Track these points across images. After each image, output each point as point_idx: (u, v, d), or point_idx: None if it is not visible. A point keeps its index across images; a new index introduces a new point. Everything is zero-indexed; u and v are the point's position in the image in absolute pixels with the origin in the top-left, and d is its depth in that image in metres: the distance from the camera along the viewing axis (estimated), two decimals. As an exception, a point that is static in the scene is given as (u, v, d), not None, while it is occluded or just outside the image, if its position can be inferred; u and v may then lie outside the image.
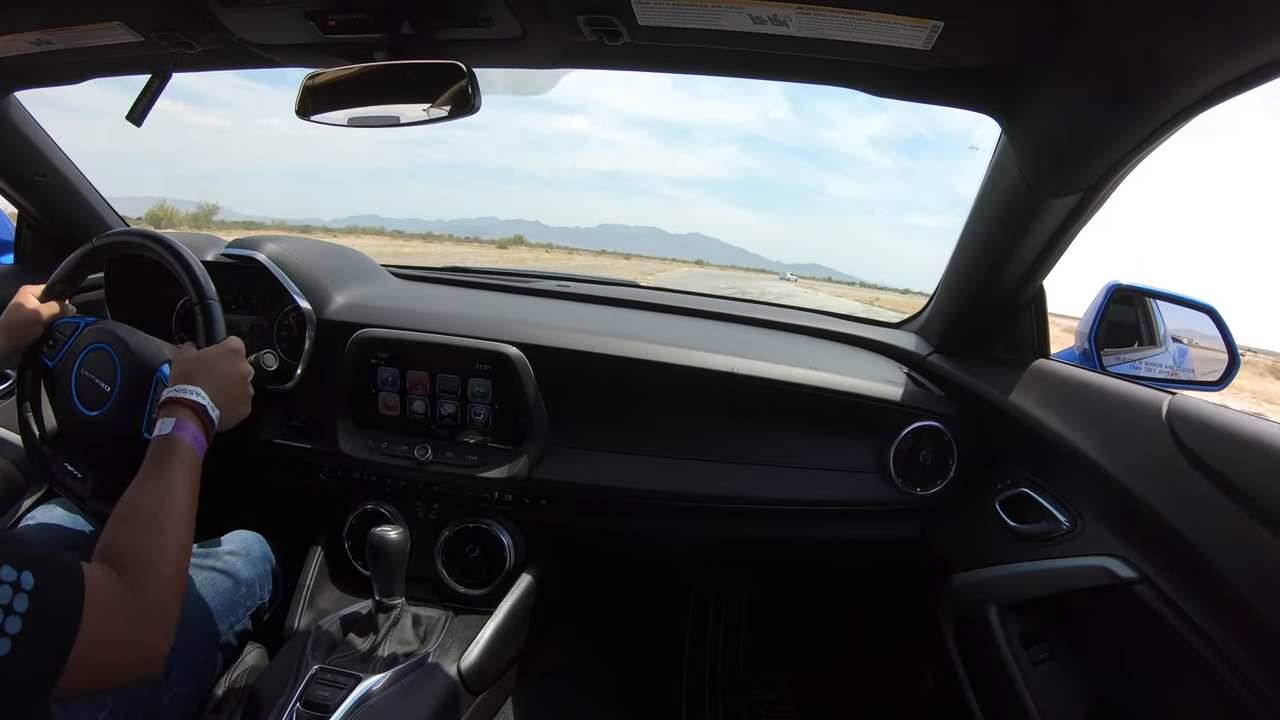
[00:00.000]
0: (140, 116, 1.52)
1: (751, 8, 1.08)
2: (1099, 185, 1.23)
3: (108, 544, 1.03)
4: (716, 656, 2.36)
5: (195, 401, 1.24)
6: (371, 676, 1.40)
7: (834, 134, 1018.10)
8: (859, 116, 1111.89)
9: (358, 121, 1.41)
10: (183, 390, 1.25)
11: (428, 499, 1.80)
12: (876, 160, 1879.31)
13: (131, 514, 1.07)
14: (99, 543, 1.03)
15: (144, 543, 1.04)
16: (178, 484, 1.13)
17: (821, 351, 1.95)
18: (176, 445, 1.17)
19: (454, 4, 1.21)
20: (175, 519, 1.09)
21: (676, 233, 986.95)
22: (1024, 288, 1.56)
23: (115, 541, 1.03)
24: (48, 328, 1.54)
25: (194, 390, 1.25)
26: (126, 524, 1.06)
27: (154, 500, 1.10)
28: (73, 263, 1.54)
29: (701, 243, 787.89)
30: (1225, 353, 1.53)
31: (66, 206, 2.14)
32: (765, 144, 69.75)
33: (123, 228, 2.18)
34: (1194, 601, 1.01)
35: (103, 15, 1.35)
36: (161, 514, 1.08)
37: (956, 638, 1.55)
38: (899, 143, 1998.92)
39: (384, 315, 1.76)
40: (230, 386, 1.35)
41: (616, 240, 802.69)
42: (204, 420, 1.25)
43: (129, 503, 1.09)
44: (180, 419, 1.21)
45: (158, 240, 1.50)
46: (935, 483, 1.65)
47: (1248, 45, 0.86)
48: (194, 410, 1.24)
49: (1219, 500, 0.98)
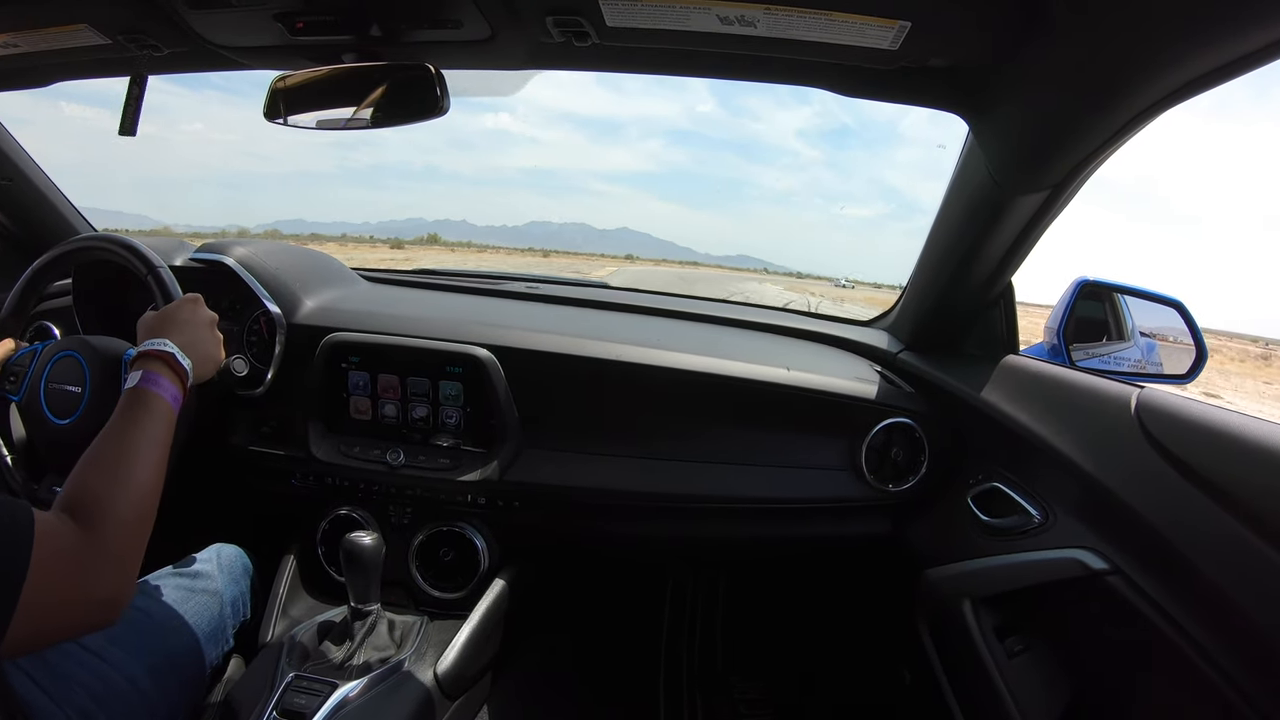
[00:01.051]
0: (132, 127, 1.51)
1: (719, 8, 1.08)
2: (1066, 182, 1.24)
3: (67, 492, 0.99)
4: (694, 656, 2.36)
5: (163, 351, 1.22)
6: (348, 683, 1.39)
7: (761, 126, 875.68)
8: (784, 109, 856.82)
9: (326, 124, 1.40)
10: (150, 343, 1.23)
11: (401, 503, 1.79)
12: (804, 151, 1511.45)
13: (92, 461, 1.04)
14: (61, 490, 1.00)
15: (103, 490, 1.00)
16: (144, 433, 1.10)
17: (792, 350, 1.96)
18: (144, 396, 1.15)
19: (422, 6, 1.20)
20: (139, 467, 1.06)
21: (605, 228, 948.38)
22: (993, 284, 1.57)
23: (74, 489, 1.00)
24: (4, 366, 1.50)
25: (160, 341, 1.23)
26: (87, 471, 1.03)
27: (116, 448, 1.07)
28: (15, 298, 1.52)
29: (630, 237, 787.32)
30: (1193, 346, 1.55)
31: (34, 213, 2.12)
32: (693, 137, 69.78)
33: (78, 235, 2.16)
34: (1165, 591, 1.02)
35: (69, 18, 1.34)
36: (124, 461, 1.05)
37: (932, 632, 1.56)
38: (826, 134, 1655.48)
39: (354, 319, 1.75)
40: (197, 332, 1.34)
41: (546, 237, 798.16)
42: (176, 369, 1.22)
43: (95, 452, 1.06)
44: (149, 370, 1.18)
45: (90, 238, 1.48)
46: (907, 479, 1.67)
47: (1211, 44, 0.87)
48: (164, 360, 1.22)
49: (1188, 491, 0.99)
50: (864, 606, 2.25)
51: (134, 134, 1.52)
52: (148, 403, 1.14)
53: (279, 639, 1.54)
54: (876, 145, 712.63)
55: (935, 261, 1.64)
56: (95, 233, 1.49)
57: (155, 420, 1.13)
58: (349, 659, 1.46)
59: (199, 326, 1.36)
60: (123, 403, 1.14)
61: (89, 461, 1.04)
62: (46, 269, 1.52)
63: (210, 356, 1.37)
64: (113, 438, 1.08)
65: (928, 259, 1.68)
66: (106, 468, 1.04)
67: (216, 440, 1.46)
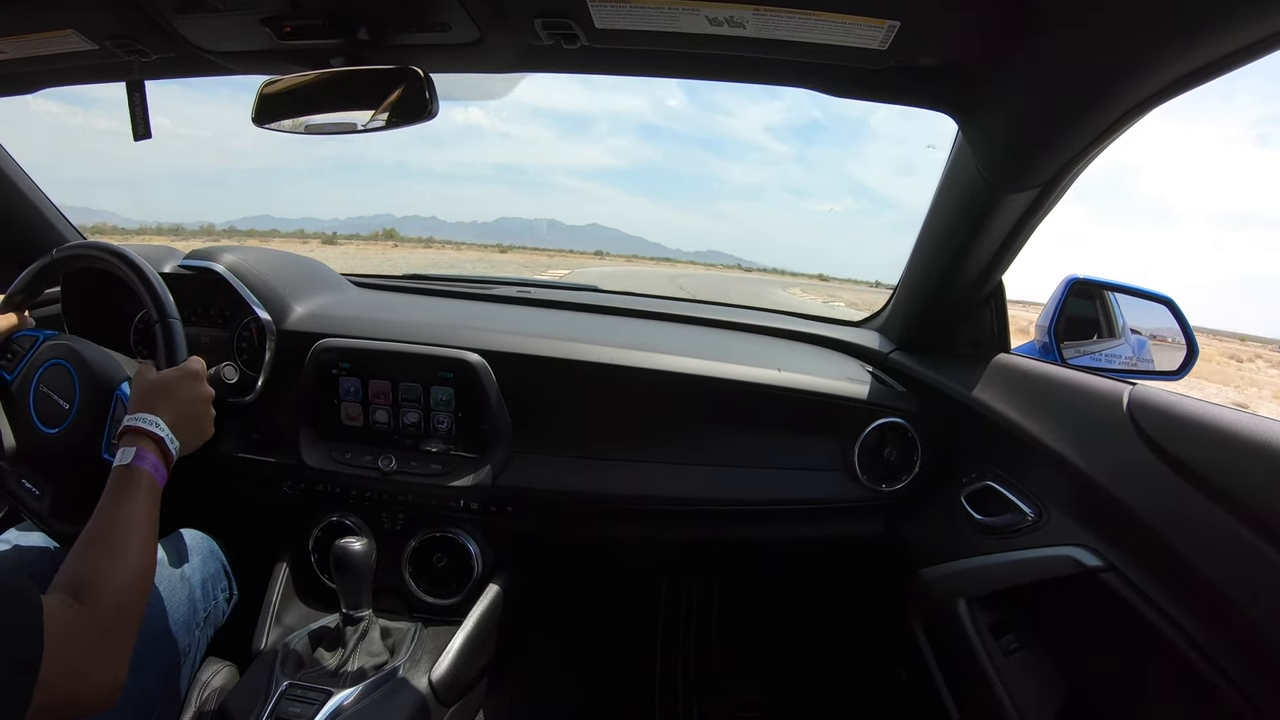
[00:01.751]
0: (145, 130, 1.52)
1: (708, 10, 1.08)
2: (1056, 180, 1.24)
3: (68, 573, 1.02)
4: (689, 658, 2.36)
5: (155, 434, 1.23)
6: (342, 691, 1.38)
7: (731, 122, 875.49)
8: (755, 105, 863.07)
9: (314, 129, 1.40)
10: (142, 419, 1.24)
11: (393, 509, 1.78)
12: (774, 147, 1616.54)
13: (91, 542, 1.07)
14: (60, 571, 1.02)
15: (102, 571, 1.03)
16: (138, 513, 1.13)
17: (783, 352, 1.96)
18: (137, 475, 1.17)
19: (410, 9, 1.20)
20: (134, 548, 1.09)
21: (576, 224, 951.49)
22: (983, 283, 1.57)
23: (75, 570, 1.02)
24: (5, 340, 1.51)
25: (153, 420, 1.24)
26: (86, 552, 1.05)
27: (113, 529, 1.09)
28: (31, 274, 1.51)
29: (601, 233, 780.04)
30: (1184, 343, 1.56)
31: (20, 219, 2.10)
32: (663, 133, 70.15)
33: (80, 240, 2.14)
34: (1160, 588, 1.02)
35: (56, 24, 1.33)
36: (121, 543, 1.08)
37: (927, 631, 1.56)
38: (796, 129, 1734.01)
39: (345, 325, 1.74)
40: (191, 412, 1.34)
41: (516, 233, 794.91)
42: (164, 451, 1.24)
43: (91, 531, 1.08)
44: (141, 448, 1.20)
45: (118, 254, 1.47)
46: (900, 479, 1.67)
47: (1200, 41, 0.87)
48: (154, 440, 1.23)
49: (1181, 487, 0.99)
50: (858, 607, 2.25)
51: (149, 135, 1.53)
52: (139, 481, 1.16)
53: (272, 647, 1.54)
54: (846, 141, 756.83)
55: (926, 261, 1.64)
56: (121, 248, 1.47)
57: (146, 498, 1.16)
58: (343, 667, 1.45)
59: (195, 404, 1.36)
60: (115, 481, 1.16)
61: (87, 542, 1.07)
62: (68, 260, 1.51)
63: (200, 434, 1.37)
64: (108, 518, 1.11)
65: (918, 258, 1.68)
66: (105, 549, 1.06)
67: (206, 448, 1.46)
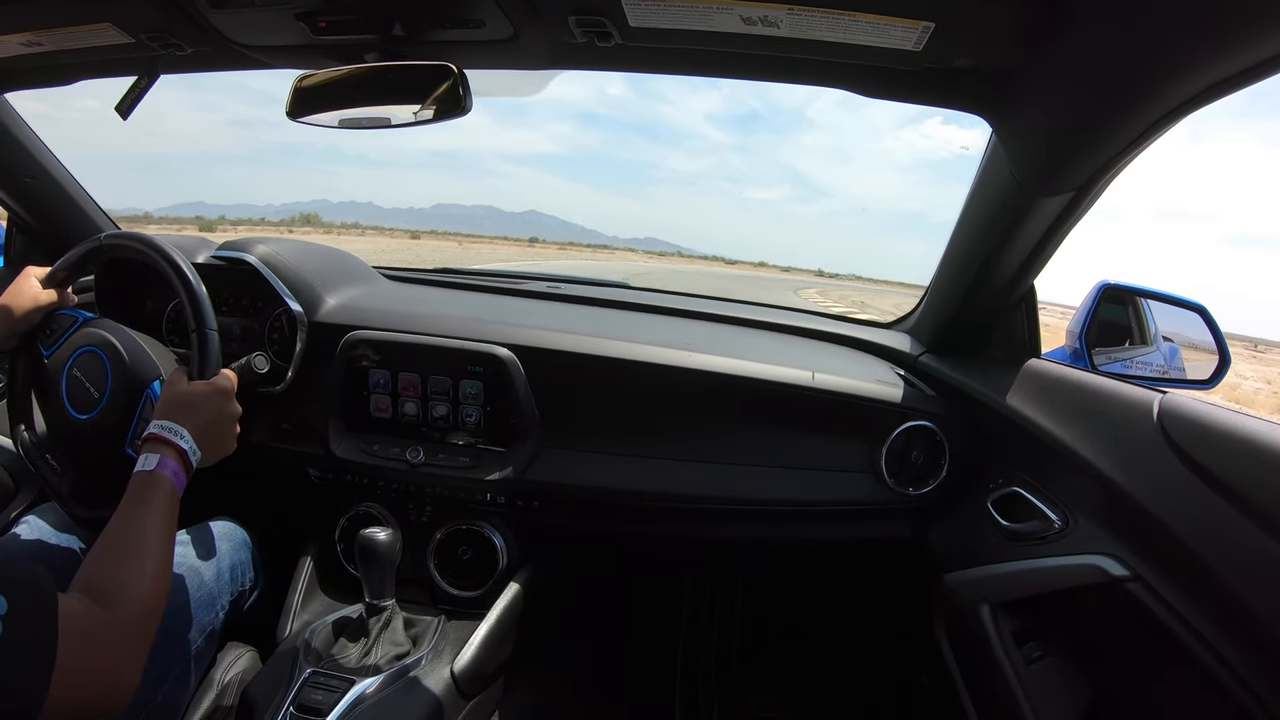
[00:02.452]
0: (127, 110, 1.54)
1: (742, 9, 1.08)
2: (1090, 184, 1.23)
3: (87, 574, 1.05)
4: (711, 657, 2.36)
5: (179, 445, 1.26)
6: (364, 680, 1.39)
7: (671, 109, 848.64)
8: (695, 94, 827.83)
9: (348, 123, 1.41)
10: (168, 429, 1.26)
11: (420, 501, 1.79)
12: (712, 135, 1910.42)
13: (110, 546, 1.10)
14: (78, 573, 1.06)
15: (121, 574, 1.06)
16: (157, 519, 1.16)
17: (813, 352, 1.95)
18: (158, 482, 1.20)
19: (445, 5, 1.20)
20: (153, 552, 1.12)
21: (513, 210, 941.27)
22: (1015, 287, 1.56)
23: (93, 572, 1.06)
24: (47, 315, 1.54)
25: (179, 432, 1.27)
26: (105, 555, 1.09)
27: (133, 533, 1.13)
28: (77, 255, 1.53)
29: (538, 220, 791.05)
30: (1215, 351, 1.54)
31: (56, 209, 2.14)
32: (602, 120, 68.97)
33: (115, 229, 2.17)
34: (1186, 599, 1.01)
35: (93, 17, 1.35)
36: (139, 547, 1.11)
37: (949, 637, 1.56)
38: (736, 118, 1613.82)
39: (375, 317, 1.76)
40: (216, 428, 1.37)
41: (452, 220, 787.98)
42: (185, 461, 1.27)
43: (110, 535, 1.12)
44: (164, 456, 1.23)
45: (161, 252, 1.48)
46: (927, 482, 1.66)
47: (1239, 45, 0.86)
48: (177, 451, 1.26)
49: (1210, 498, 0.98)
50: (882, 610, 2.24)
51: (125, 118, 1.56)
52: (159, 487, 1.20)
53: (296, 635, 1.55)
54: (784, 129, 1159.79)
55: (957, 264, 1.63)
56: (166, 248, 1.49)
57: (166, 504, 1.20)
58: (365, 656, 1.47)
59: (220, 421, 1.39)
60: (137, 484, 1.20)
61: (107, 545, 1.11)
62: (113, 249, 1.53)
63: (223, 450, 1.40)
64: (128, 522, 1.14)
65: (950, 261, 1.67)
66: (123, 552, 1.10)
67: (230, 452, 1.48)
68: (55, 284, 1.55)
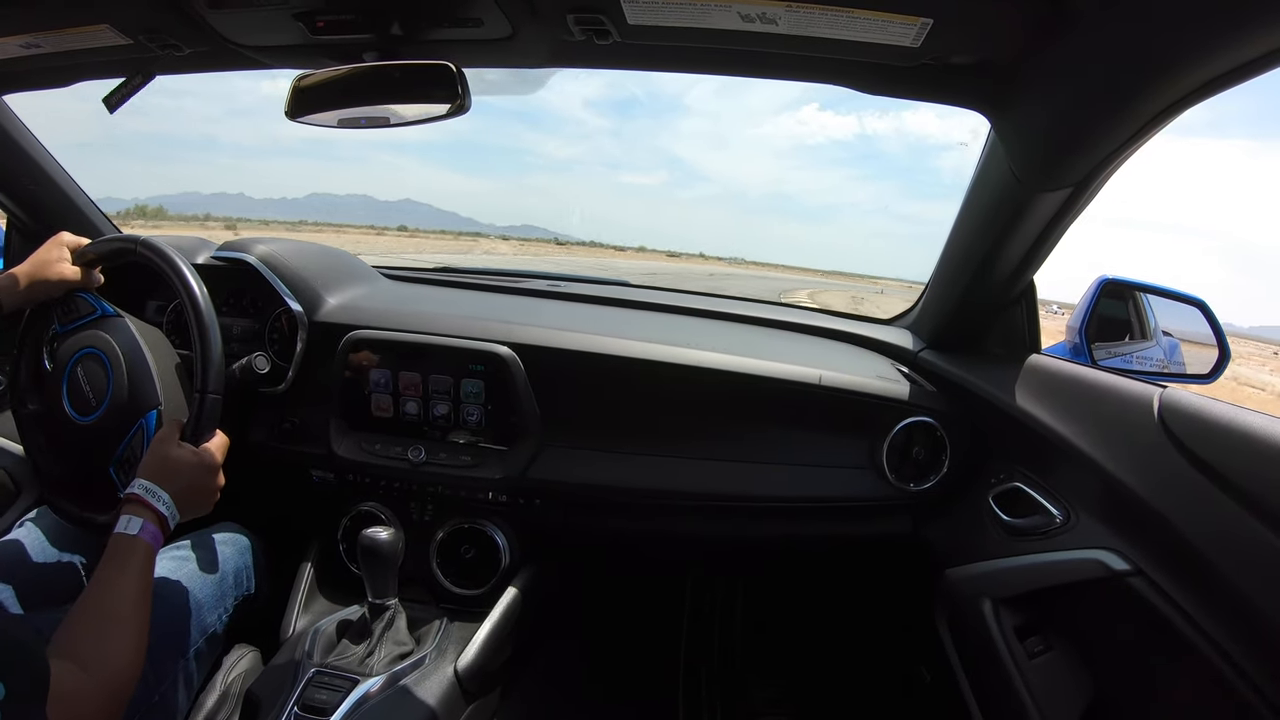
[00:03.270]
0: (115, 105, 1.54)
1: (741, 6, 1.08)
2: (1089, 180, 1.23)
3: (72, 639, 1.08)
4: (713, 655, 2.36)
5: (159, 510, 1.27)
6: (368, 679, 1.39)
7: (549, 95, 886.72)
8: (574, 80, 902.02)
9: (347, 122, 1.41)
10: (151, 493, 1.28)
11: (422, 500, 1.80)
12: (591, 120, 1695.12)
13: (93, 614, 1.13)
14: (60, 634, 1.09)
15: (102, 644, 1.09)
16: (135, 585, 1.18)
17: (813, 348, 1.95)
18: (138, 546, 1.22)
19: (443, 4, 1.20)
20: (132, 622, 1.15)
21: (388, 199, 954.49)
22: (1015, 283, 1.56)
23: (77, 639, 1.08)
24: (69, 293, 1.54)
25: (161, 496, 1.28)
26: (88, 623, 1.11)
27: (113, 601, 1.15)
28: (111, 246, 1.53)
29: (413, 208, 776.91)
30: (1215, 346, 1.54)
31: (55, 211, 2.13)
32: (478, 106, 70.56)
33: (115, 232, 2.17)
34: (1188, 593, 1.02)
35: (91, 18, 1.35)
36: (119, 616, 1.14)
37: (951, 632, 1.56)
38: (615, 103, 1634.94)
39: (376, 316, 1.76)
40: (196, 497, 1.37)
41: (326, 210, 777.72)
42: (164, 524, 1.28)
43: (92, 601, 1.14)
44: (145, 521, 1.24)
45: (187, 287, 1.47)
46: (928, 478, 1.66)
47: (1238, 40, 0.86)
48: (157, 515, 1.27)
49: (1211, 492, 0.98)
50: (884, 605, 2.25)
51: (113, 112, 1.57)
52: (138, 551, 1.22)
53: (299, 635, 1.55)
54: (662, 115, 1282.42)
55: (957, 260, 1.63)
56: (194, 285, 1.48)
57: (144, 567, 1.22)
58: (369, 655, 1.47)
59: (201, 492, 1.39)
60: (118, 547, 1.21)
61: (89, 612, 1.13)
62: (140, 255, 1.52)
63: (198, 513, 1.40)
64: (109, 589, 1.17)
65: (950, 257, 1.67)
66: (105, 620, 1.13)
67: (237, 437, 1.48)
68: (85, 263, 1.54)
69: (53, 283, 1.51)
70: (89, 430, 1.44)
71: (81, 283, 1.54)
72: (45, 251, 1.51)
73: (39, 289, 1.50)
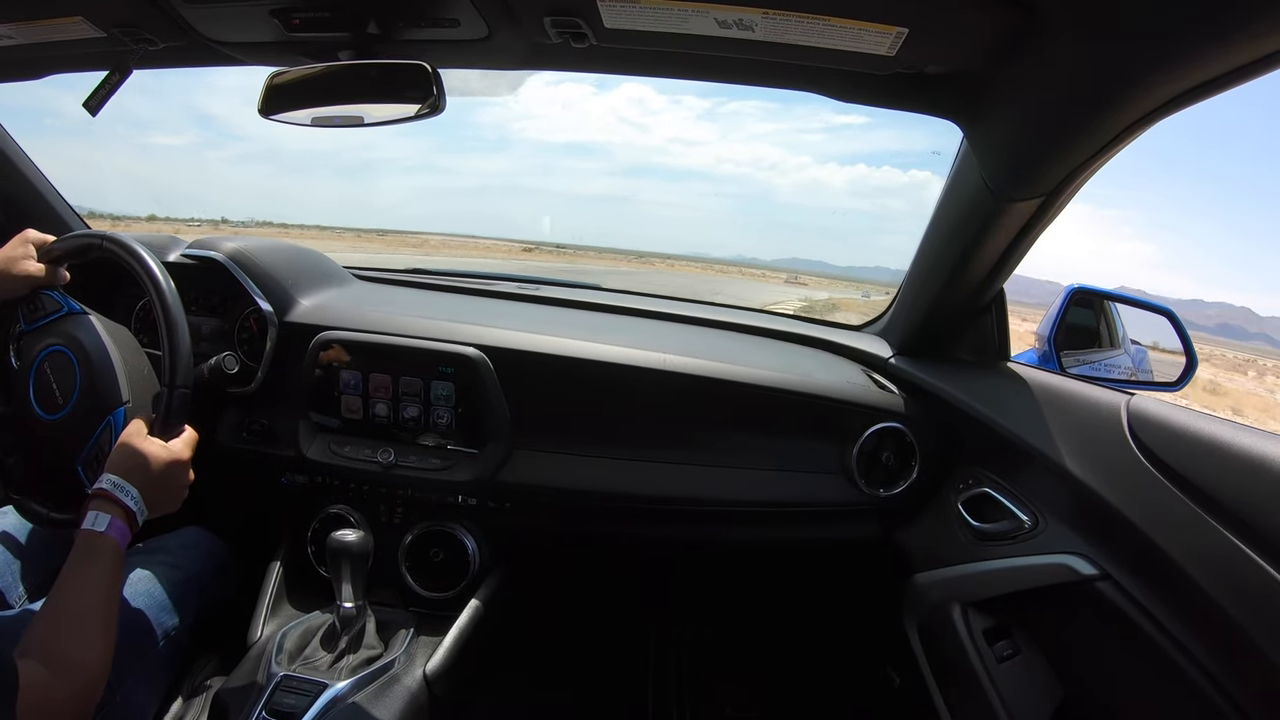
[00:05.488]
0: (96, 107, 1.51)
1: (718, 12, 1.09)
2: (1060, 189, 1.24)
3: (40, 641, 1.07)
4: (683, 658, 2.36)
5: (127, 506, 1.25)
6: (337, 683, 1.38)
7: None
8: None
9: (321, 121, 1.40)
10: (118, 487, 1.25)
11: (391, 503, 1.78)
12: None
13: (61, 614, 1.12)
14: (29, 637, 1.07)
15: (71, 645, 1.09)
16: (103, 584, 1.17)
17: (784, 354, 1.96)
18: (105, 544, 1.20)
19: (419, 4, 1.20)
20: (99, 621, 1.14)
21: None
22: (985, 291, 1.58)
23: (45, 640, 1.07)
24: (34, 291, 1.51)
25: (130, 492, 1.26)
26: (57, 623, 1.11)
27: (82, 601, 1.14)
28: (76, 244, 1.50)
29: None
30: (1183, 354, 1.57)
31: (25, 208, 2.10)
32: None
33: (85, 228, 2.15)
34: (1155, 597, 1.03)
35: (65, 10, 1.34)
36: (87, 616, 1.13)
37: (921, 636, 1.57)
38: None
39: (346, 317, 1.74)
40: (164, 491, 1.35)
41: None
42: (132, 520, 1.26)
43: (60, 601, 1.13)
44: (113, 517, 1.22)
45: (155, 282, 1.45)
46: (898, 484, 1.67)
47: (1209, 54, 0.88)
48: (125, 511, 1.25)
49: (1177, 498, 1.00)
50: (853, 610, 2.26)
51: (95, 114, 1.54)
52: (106, 549, 1.20)
53: (267, 639, 1.54)
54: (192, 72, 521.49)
55: (928, 267, 1.64)
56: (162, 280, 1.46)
57: (112, 566, 1.20)
58: (339, 659, 1.46)
59: (170, 486, 1.36)
60: (86, 545, 1.19)
61: (57, 613, 1.12)
62: (107, 251, 1.50)
63: (167, 508, 1.38)
64: (78, 588, 1.16)
65: (921, 265, 1.68)
66: (73, 621, 1.12)
67: (205, 438, 1.46)
68: (51, 260, 1.51)
69: (18, 279, 1.47)
70: (56, 428, 1.41)
71: (47, 280, 1.51)
72: (10, 249, 1.48)
73: (3, 286, 1.47)
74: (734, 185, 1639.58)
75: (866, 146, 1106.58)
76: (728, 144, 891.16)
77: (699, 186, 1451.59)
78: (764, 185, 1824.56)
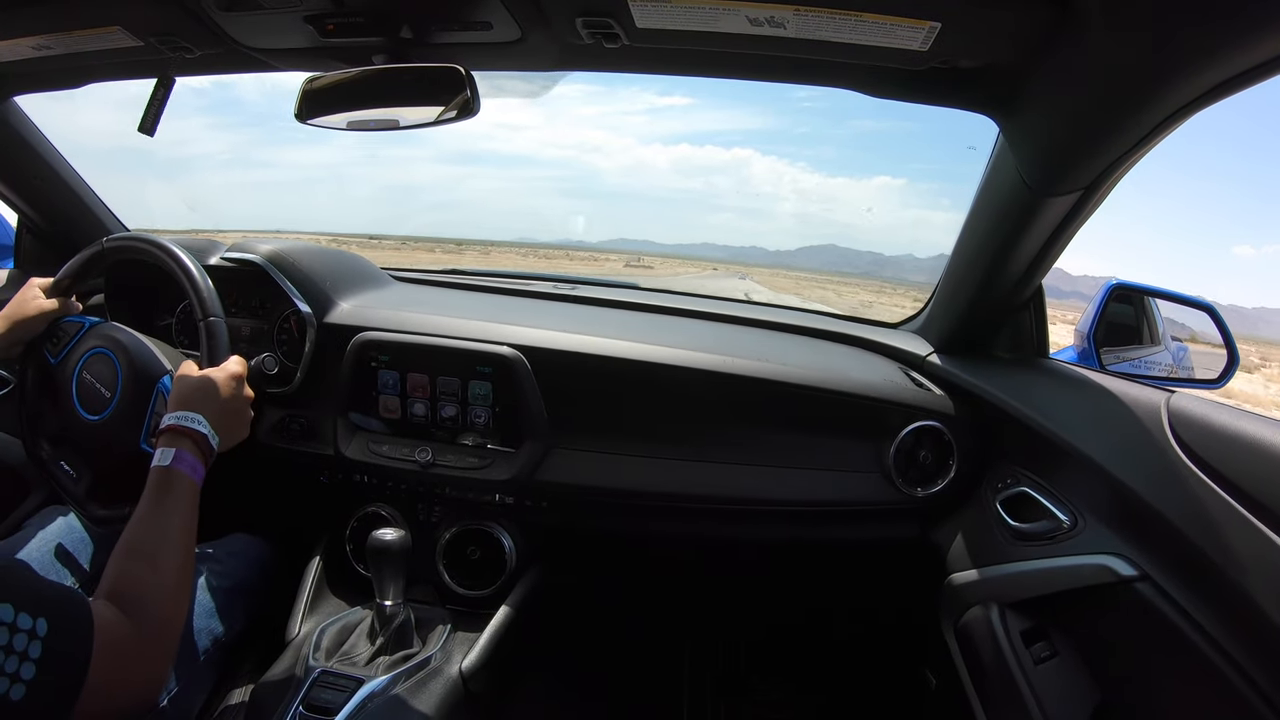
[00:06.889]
0: (152, 126, 1.54)
1: (749, 10, 1.08)
2: (1097, 184, 1.23)
3: (114, 581, 1.05)
4: (717, 657, 2.36)
5: (197, 431, 1.26)
6: (374, 680, 1.39)
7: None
8: None
9: (357, 125, 1.41)
10: (184, 418, 1.26)
11: (428, 501, 1.80)
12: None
13: (136, 551, 1.10)
14: (104, 577, 1.06)
15: (148, 580, 1.06)
16: (178, 518, 1.16)
17: (821, 352, 1.95)
18: (176, 478, 1.20)
19: (452, 8, 1.21)
20: (176, 553, 1.13)
21: None
22: (1023, 287, 1.56)
23: (120, 578, 1.05)
24: (52, 324, 1.55)
25: (196, 418, 1.27)
26: (130, 560, 1.08)
27: (156, 536, 1.13)
28: (80, 262, 1.55)
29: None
30: (1224, 350, 1.54)
31: (67, 211, 2.15)
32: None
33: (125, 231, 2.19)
34: (1195, 599, 1.01)
35: (103, 20, 1.36)
36: (163, 550, 1.11)
37: (958, 637, 1.55)
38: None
39: (385, 319, 1.76)
40: (231, 413, 1.37)
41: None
42: (203, 449, 1.27)
43: (132, 538, 1.11)
44: (180, 449, 1.22)
45: (164, 249, 1.50)
46: (935, 483, 1.66)
47: (1245, 43, 0.86)
48: (194, 440, 1.25)
49: (1219, 498, 0.98)
50: (890, 610, 2.24)
51: (152, 134, 1.56)
52: (179, 484, 1.20)
53: (305, 635, 1.56)
54: None
55: (965, 264, 1.62)
56: (167, 243, 1.50)
57: (186, 501, 1.20)
58: (375, 656, 1.47)
59: (235, 406, 1.39)
60: (154, 483, 1.19)
61: (130, 550, 1.10)
62: (116, 251, 1.54)
63: (238, 434, 1.41)
64: (149, 523, 1.14)
65: (958, 261, 1.66)
66: (146, 555, 1.10)
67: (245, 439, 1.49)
68: (59, 292, 1.56)
69: (33, 319, 1.52)
70: (110, 422, 1.45)
71: (60, 311, 1.56)
72: (19, 295, 1.54)
73: (20, 329, 1.52)
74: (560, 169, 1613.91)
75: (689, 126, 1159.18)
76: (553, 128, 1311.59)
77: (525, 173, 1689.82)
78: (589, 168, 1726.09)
